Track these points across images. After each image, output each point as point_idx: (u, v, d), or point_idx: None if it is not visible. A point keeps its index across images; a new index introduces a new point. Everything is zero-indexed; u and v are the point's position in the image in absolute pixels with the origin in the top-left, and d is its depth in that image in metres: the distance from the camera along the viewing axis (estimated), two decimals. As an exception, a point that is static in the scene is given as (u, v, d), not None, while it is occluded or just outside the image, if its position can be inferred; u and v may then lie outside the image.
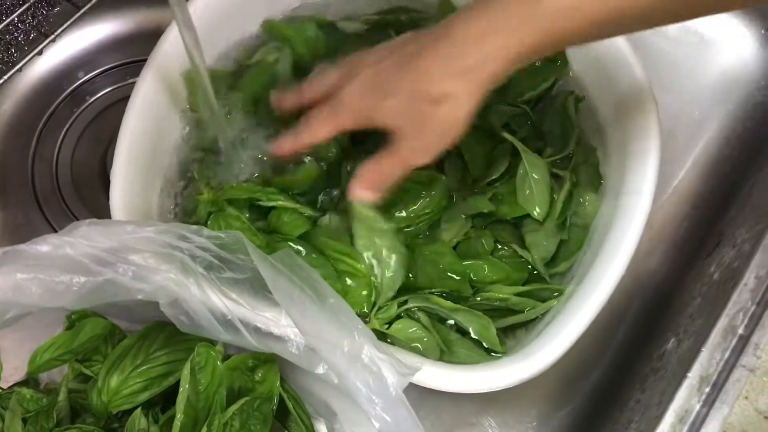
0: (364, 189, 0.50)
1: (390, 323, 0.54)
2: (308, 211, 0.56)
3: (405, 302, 0.54)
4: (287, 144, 0.52)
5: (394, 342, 0.53)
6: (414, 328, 0.53)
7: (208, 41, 0.60)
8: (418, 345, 0.53)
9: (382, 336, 0.53)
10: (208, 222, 0.56)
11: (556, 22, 0.41)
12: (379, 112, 0.47)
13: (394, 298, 0.54)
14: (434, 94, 0.45)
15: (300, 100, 0.54)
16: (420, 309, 0.54)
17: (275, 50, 0.63)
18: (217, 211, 0.56)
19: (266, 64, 0.62)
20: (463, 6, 0.45)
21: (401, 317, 0.54)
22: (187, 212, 0.58)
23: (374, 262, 0.54)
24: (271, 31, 0.64)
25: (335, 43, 0.63)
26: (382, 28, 0.64)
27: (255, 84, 0.61)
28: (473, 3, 0.44)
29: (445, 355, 0.53)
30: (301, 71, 0.60)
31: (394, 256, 0.54)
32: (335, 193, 0.58)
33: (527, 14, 0.41)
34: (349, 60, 0.51)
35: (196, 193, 0.57)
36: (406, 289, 0.55)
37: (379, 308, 0.54)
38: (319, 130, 0.50)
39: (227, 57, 0.64)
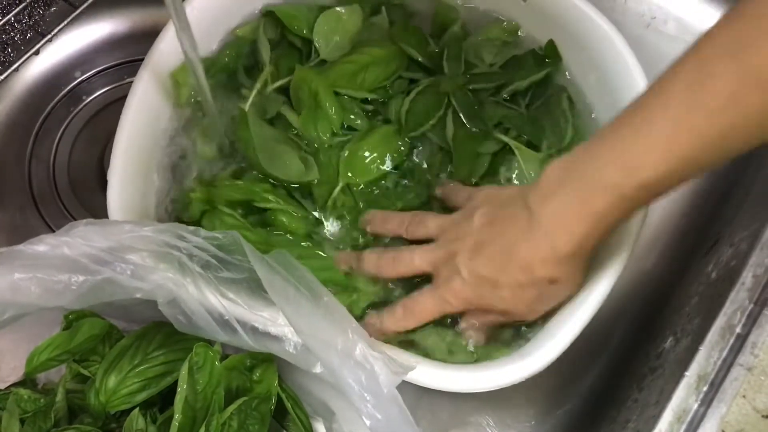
0: (479, 334, 0.53)
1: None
2: (302, 213, 0.56)
3: None
4: (391, 326, 0.53)
5: (420, 353, 0.53)
6: (444, 334, 0.54)
7: (204, 37, 0.60)
8: (451, 351, 0.53)
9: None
10: (202, 221, 0.56)
11: (641, 197, 0.42)
12: (489, 302, 0.50)
13: None
14: (543, 282, 0.47)
15: (383, 271, 0.55)
16: None
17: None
18: (210, 209, 0.56)
19: (243, 40, 0.63)
20: (540, 180, 0.46)
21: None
22: (182, 210, 0.58)
23: None
24: (269, 16, 0.64)
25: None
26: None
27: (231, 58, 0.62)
28: (549, 181, 0.46)
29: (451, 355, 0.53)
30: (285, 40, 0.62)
31: None
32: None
33: (610, 202, 0.43)
34: (438, 241, 0.52)
35: (188, 190, 0.57)
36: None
37: None
38: (424, 315, 0.52)
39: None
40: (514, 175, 0.58)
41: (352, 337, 0.44)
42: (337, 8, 0.62)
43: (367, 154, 0.58)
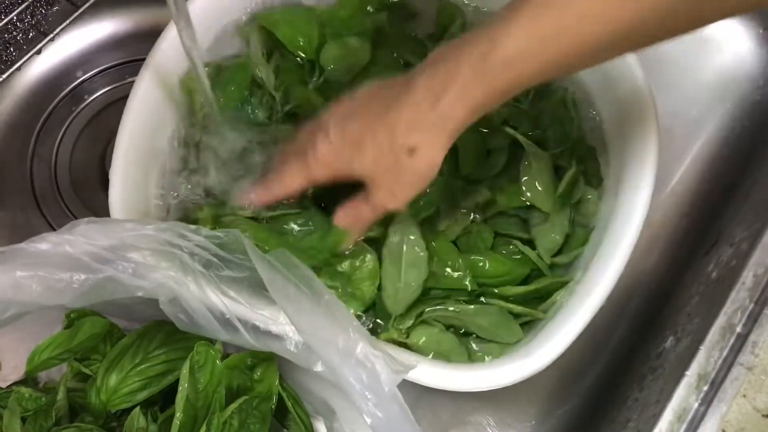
0: (344, 227, 0.53)
1: (408, 333, 0.54)
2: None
3: (421, 313, 0.54)
4: (260, 195, 0.54)
5: (416, 352, 0.53)
6: (437, 335, 0.54)
7: (206, 36, 0.60)
8: (443, 353, 0.53)
9: (402, 346, 0.53)
10: None
11: (503, 73, 0.43)
12: (351, 166, 0.49)
13: (410, 308, 0.54)
14: (404, 148, 0.46)
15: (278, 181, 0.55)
16: (436, 318, 0.54)
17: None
18: (217, 225, 0.56)
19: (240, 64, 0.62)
20: (424, 61, 0.47)
21: (418, 325, 0.54)
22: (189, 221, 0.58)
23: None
24: (258, 21, 0.64)
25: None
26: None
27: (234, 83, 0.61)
28: (431, 57, 0.46)
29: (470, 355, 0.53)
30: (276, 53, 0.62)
31: (420, 270, 0.54)
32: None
33: (477, 69, 0.43)
34: (319, 116, 0.53)
35: (194, 204, 0.58)
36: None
37: (395, 318, 0.54)
38: (291, 182, 0.52)
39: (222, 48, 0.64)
40: (524, 178, 0.58)
41: (353, 336, 0.44)
42: (347, 38, 0.62)
43: None
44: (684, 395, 0.49)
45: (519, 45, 0.42)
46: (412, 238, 0.54)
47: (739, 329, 0.50)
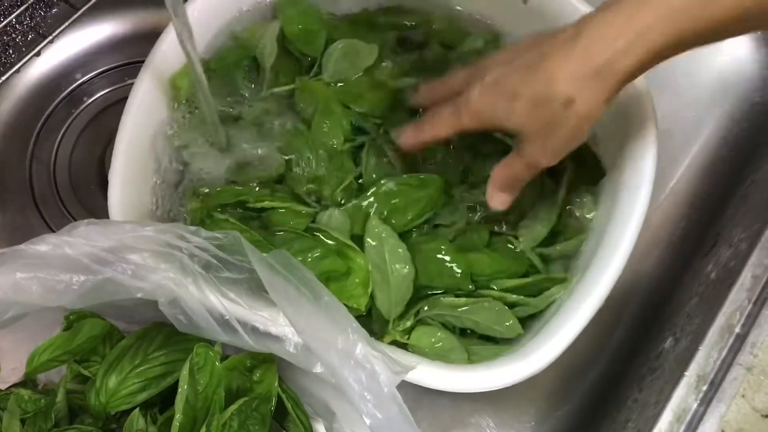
0: (500, 192, 0.52)
1: (408, 334, 0.54)
2: (300, 208, 0.56)
3: (418, 312, 0.54)
4: (410, 137, 0.54)
5: (416, 353, 0.53)
6: (437, 335, 0.54)
7: (204, 37, 0.60)
8: (443, 352, 0.53)
9: (403, 347, 0.53)
10: None
11: (691, 17, 0.40)
12: (503, 114, 0.47)
13: (407, 307, 0.54)
14: (561, 99, 0.44)
15: (432, 95, 0.55)
16: (432, 317, 0.54)
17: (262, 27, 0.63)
18: (207, 220, 0.56)
19: (244, 41, 0.63)
20: (595, 9, 0.45)
21: (418, 326, 0.54)
22: (183, 220, 0.58)
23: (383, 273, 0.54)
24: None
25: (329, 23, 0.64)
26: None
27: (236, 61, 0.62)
28: (605, 5, 0.44)
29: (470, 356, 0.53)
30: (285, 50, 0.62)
31: (406, 268, 0.54)
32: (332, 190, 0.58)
33: (661, 11, 0.41)
34: (477, 61, 0.51)
35: (185, 202, 0.58)
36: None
37: (395, 320, 0.54)
38: (441, 127, 0.52)
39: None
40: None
41: (352, 337, 0.44)
42: (357, 41, 0.63)
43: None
44: (683, 395, 0.49)
45: None
46: (389, 239, 0.54)
47: (738, 330, 0.50)
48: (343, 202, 0.57)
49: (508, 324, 0.53)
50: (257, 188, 0.57)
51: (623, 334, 0.64)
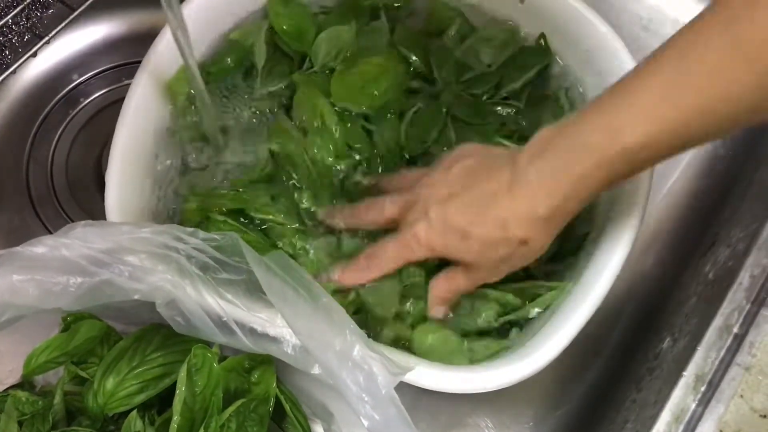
0: (442, 305, 0.52)
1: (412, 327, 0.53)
2: (296, 224, 0.56)
3: (410, 308, 0.54)
4: (353, 278, 0.53)
5: (419, 351, 0.53)
6: (437, 331, 0.53)
7: (202, 37, 0.60)
8: (446, 352, 0.53)
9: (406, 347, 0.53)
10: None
11: (626, 164, 0.42)
12: (455, 251, 0.49)
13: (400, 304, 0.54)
14: (515, 241, 0.47)
15: (358, 221, 0.55)
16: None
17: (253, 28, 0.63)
18: (205, 220, 0.56)
19: (238, 44, 0.63)
20: (530, 143, 0.46)
21: (418, 323, 0.54)
22: (180, 220, 0.58)
23: None
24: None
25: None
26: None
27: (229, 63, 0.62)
28: (538, 141, 0.46)
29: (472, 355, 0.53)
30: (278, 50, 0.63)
31: None
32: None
33: (595, 163, 0.42)
34: (412, 184, 0.52)
35: (182, 201, 0.57)
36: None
37: (393, 318, 0.53)
38: (389, 264, 0.52)
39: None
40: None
41: (350, 338, 0.44)
42: (339, 26, 0.62)
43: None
44: (681, 396, 0.49)
45: (644, 136, 0.40)
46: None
47: (736, 330, 0.50)
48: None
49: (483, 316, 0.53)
50: (254, 193, 0.57)
51: (621, 334, 0.64)
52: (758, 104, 0.38)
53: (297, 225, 0.56)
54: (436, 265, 0.53)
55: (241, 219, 0.56)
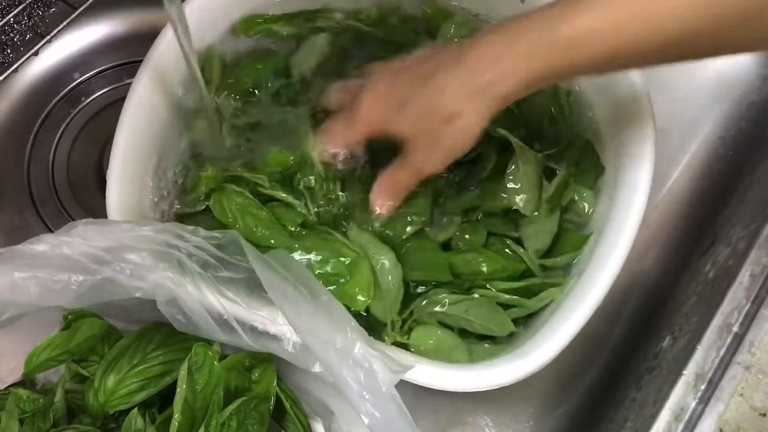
0: (383, 197, 0.53)
1: (408, 334, 0.54)
2: (305, 210, 0.56)
3: (412, 312, 0.54)
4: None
5: (418, 353, 0.53)
6: (437, 333, 0.54)
7: (202, 36, 0.61)
8: (444, 351, 0.53)
9: (404, 347, 0.53)
10: (211, 201, 0.56)
11: (567, 50, 0.42)
12: (394, 122, 0.49)
13: (403, 306, 0.54)
14: (446, 112, 0.46)
15: (337, 99, 0.56)
16: (428, 315, 0.54)
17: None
18: (218, 188, 0.56)
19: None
20: (484, 29, 0.47)
21: (417, 326, 0.54)
22: (186, 191, 0.58)
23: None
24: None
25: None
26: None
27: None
28: (493, 27, 0.46)
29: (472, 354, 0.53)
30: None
31: (393, 266, 0.54)
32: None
33: (540, 41, 0.43)
34: (368, 73, 0.53)
35: (198, 171, 0.58)
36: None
37: (393, 322, 0.54)
38: (339, 140, 0.53)
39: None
40: (509, 174, 0.58)
41: (350, 336, 0.44)
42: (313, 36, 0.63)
43: None
44: (681, 394, 0.49)
45: (588, 25, 0.41)
46: (372, 239, 0.54)
47: (736, 328, 0.50)
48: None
49: (500, 322, 0.53)
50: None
51: (621, 333, 0.64)
52: (702, 29, 0.39)
53: (305, 210, 0.56)
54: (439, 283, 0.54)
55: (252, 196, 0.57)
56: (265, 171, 0.57)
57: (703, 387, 0.49)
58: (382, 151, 0.55)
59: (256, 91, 0.62)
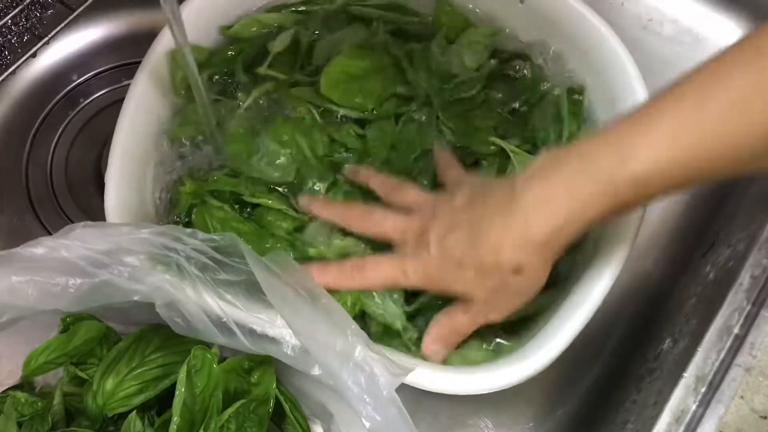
0: (439, 344, 0.50)
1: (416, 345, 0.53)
2: (291, 212, 0.56)
3: (414, 317, 0.54)
4: (332, 280, 0.51)
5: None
6: None
7: (201, 36, 0.61)
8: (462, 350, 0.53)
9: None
10: (192, 216, 0.56)
11: (633, 191, 0.40)
12: (452, 281, 0.48)
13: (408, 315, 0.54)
14: (508, 268, 0.44)
15: (348, 225, 0.54)
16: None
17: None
18: (200, 203, 0.56)
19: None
20: (532, 165, 0.44)
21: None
22: (172, 206, 0.58)
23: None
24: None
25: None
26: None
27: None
28: (541, 164, 0.44)
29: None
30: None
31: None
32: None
33: (601, 188, 0.40)
34: (416, 205, 0.51)
35: (178, 184, 0.57)
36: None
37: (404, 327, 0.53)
38: (376, 282, 0.50)
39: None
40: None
41: (351, 339, 0.43)
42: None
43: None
44: (682, 397, 0.49)
45: (655, 164, 0.38)
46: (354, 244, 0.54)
47: (736, 331, 0.50)
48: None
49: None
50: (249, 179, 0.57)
51: (621, 335, 0.64)
52: None
53: (293, 213, 0.56)
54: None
55: (235, 206, 0.56)
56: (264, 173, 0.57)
57: (703, 389, 0.48)
58: None
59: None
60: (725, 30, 0.74)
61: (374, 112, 0.60)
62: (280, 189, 0.57)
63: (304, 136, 0.58)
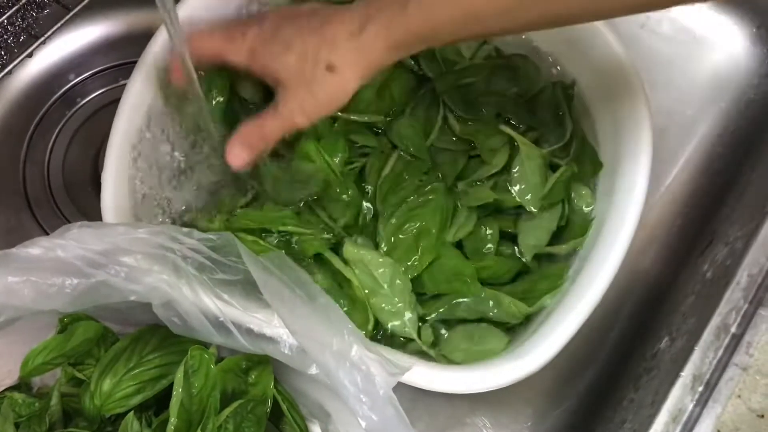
0: (243, 147, 0.52)
1: (435, 346, 0.54)
2: (320, 234, 0.55)
3: (425, 319, 0.54)
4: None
5: (454, 357, 0.53)
6: (467, 330, 0.54)
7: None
8: (480, 343, 0.53)
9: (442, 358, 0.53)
10: None
11: (418, 16, 0.46)
12: (274, 62, 0.50)
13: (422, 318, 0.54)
14: (325, 61, 0.48)
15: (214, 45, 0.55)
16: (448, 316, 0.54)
17: None
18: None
19: None
20: None
21: (447, 329, 0.55)
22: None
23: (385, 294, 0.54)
24: None
25: None
26: None
27: None
28: None
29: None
30: None
31: (398, 284, 0.54)
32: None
33: (398, 10, 0.46)
34: (260, 17, 0.54)
35: (205, 219, 0.57)
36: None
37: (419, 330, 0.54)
38: (210, 44, 0.53)
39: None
40: (515, 172, 0.57)
41: (347, 339, 0.43)
42: None
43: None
44: (679, 396, 0.49)
45: (421, 26, 0.46)
46: (369, 255, 0.54)
47: (733, 329, 0.50)
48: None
49: (513, 309, 0.53)
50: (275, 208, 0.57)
51: (619, 333, 0.64)
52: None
53: (325, 234, 0.55)
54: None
55: (263, 234, 0.56)
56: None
57: (700, 388, 0.48)
58: None
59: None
60: (723, 28, 0.74)
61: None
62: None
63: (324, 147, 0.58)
